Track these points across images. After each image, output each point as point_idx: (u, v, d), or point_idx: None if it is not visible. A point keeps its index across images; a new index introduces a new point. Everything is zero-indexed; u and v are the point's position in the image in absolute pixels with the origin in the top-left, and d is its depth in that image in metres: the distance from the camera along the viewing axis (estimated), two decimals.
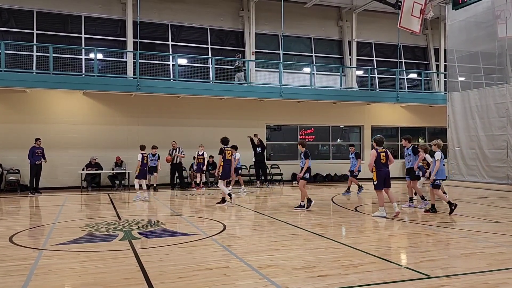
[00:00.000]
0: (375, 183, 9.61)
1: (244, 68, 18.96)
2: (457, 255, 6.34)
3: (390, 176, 9.89)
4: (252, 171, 19.20)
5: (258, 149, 17.98)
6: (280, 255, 6.27)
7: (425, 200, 11.31)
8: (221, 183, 12.36)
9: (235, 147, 15.48)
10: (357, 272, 5.33)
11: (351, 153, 15.01)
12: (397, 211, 9.52)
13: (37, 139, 15.32)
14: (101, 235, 7.88)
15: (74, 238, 7.63)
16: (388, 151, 9.83)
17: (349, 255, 6.23)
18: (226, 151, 12.44)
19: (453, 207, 9.86)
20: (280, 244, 7.03)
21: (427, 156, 11.83)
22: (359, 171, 14.90)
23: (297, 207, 10.99)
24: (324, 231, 8.16)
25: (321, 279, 5.06)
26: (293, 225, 8.77)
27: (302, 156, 10.94)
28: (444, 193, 12.45)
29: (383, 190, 9.68)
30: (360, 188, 14.62)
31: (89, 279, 5.16)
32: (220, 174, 12.33)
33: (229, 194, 11.97)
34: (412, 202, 11.49)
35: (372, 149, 9.88)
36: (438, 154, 9.98)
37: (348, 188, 14.93)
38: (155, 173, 16.33)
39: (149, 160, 14.99)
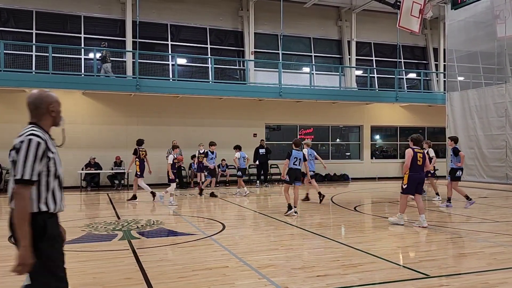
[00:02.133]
0: (404, 186, 8.62)
1: (111, 58, 17.16)
2: (456, 254, 6.35)
3: (389, 176, 9.82)
4: (252, 171, 19.22)
5: (262, 151, 18.00)
6: (280, 255, 6.27)
7: (470, 200, 11.19)
8: (141, 181, 13.06)
9: (238, 147, 15.30)
10: (357, 272, 5.33)
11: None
12: (424, 225, 8.27)
13: None
14: (100, 235, 7.87)
15: (73, 238, 7.62)
16: (425, 153, 8.91)
17: (349, 255, 6.23)
18: (140, 151, 13.09)
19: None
20: (280, 244, 7.03)
21: (430, 151, 11.98)
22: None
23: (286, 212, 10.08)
24: (324, 230, 8.16)
25: (321, 279, 5.06)
26: (293, 225, 8.77)
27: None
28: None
29: (409, 196, 8.69)
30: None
31: (88, 279, 5.15)
32: (139, 173, 13.01)
33: (152, 192, 12.88)
34: (450, 202, 11.22)
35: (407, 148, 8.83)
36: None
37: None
38: (213, 178, 14.73)
39: (207, 159, 14.36)
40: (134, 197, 13.12)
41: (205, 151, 17.06)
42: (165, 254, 6.35)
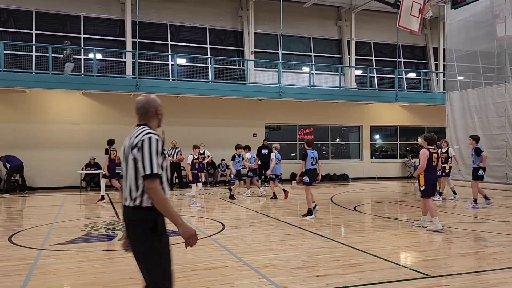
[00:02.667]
0: (422, 188, 8.22)
1: (74, 57, 16.73)
2: (456, 254, 6.35)
3: (389, 176, 9.80)
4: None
5: (265, 151, 18.02)
6: (279, 255, 6.27)
7: (489, 199, 11.20)
8: (103, 182, 13.14)
9: (248, 147, 14.86)
10: (356, 272, 5.33)
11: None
12: (424, 226, 8.13)
13: None
14: (100, 235, 7.88)
15: (73, 238, 7.63)
16: (438, 153, 8.70)
17: (348, 255, 6.23)
18: (111, 151, 12.96)
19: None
20: (279, 244, 7.03)
21: (450, 150, 11.95)
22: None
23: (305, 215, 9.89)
24: (323, 230, 8.16)
25: (320, 279, 5.06)
26: (292, 225, 8.77)
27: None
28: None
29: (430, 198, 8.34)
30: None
31: (88, 279, 5.16)
32: (108, 173, 12.88)
33: (102, 196, 12.82)
34: (476, 203, 11.06)
35: (422, 148, 8.46)
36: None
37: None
38: (241, 180, 14.11)
39: (234, 163, 13.85)
40: (102, 198, 12.88)
41: (204, 151, 17.09)
42: None
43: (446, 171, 12.66)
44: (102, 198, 12.88)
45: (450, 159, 12.68)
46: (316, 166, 9.96)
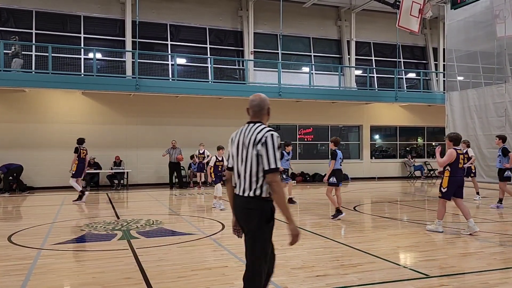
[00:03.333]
0: (443, 190, 7.84)
1: (21, 54, 15.89)
2: (456, 254, 6.35)
3: (389, 176, 9.75)
4: None
5: None
6: (279, 255, 6.24)
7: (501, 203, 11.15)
8: (72, 181, 12.82)
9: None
10: (356, 272, 5.33)
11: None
12: (475, 231, 7.58)
13: None
14: (99, 235, 7.87)
15: (73, 237, 7.62)
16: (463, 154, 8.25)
17: (348, 255, 6.23)
18: (81, 150, 12.96)
19: None
20: (279, 244, 6.99)
21: (469, 150, 11.85)
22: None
23: (334, 216, 9.49)
24: (323, 230, 8.16)
25: (320, 279, 5.06)
26: None
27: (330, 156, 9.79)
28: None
29: (448, 201, 8.00)
30: None
31: (88, 279, 5.15)
32: (73, 171, 12.78)
33: (82, 192, 12.71)
34: (501, 203, 11.05)
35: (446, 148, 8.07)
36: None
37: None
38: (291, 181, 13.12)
39: (282, 161, 12.22)
40: (80, 197, 12.80)
41: (204, 150, 17.13)
42: (164, 254, 6.34)
43: (473, 171, 12.71)
44: (80, 197, 12.69)
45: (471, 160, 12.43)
46: (341, 167, 9.76)
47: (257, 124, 3.46)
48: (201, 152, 17.17)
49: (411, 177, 22.29)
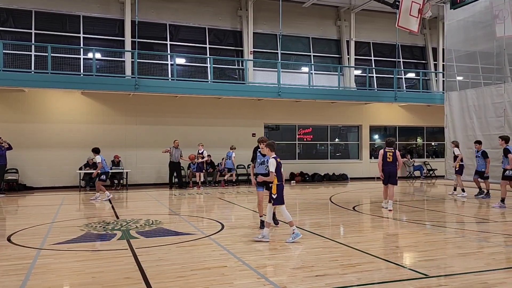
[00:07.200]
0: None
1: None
2: (455, 254, 6.35)
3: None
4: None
5: None
6: (278, 255, 6.27)
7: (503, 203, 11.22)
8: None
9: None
10: (356, 272, 5.33)
11: None
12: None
13: None
14: (99, 235, 7.87)
15: (72, 237, 7.62)
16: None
17: (348, 255, 6.23)
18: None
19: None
20: (278, 244, 7.03)
21: (455, 150, 11.98)
22: None
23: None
24: (322, 230, 8.16)
25: (319, 279, 5.06)
26: None
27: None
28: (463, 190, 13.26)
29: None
30: None
31: (87, 279, 5.15)
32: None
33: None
34: (504, 203, 11.11)
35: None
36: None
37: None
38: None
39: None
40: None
41: (203, 150, 17.15)
42: (164, 254, 6.34)
43: (456, 169, 13.40)
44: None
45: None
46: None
47: None
48: (200, 152, 17.17)
49: (410, 177, 22.31)
